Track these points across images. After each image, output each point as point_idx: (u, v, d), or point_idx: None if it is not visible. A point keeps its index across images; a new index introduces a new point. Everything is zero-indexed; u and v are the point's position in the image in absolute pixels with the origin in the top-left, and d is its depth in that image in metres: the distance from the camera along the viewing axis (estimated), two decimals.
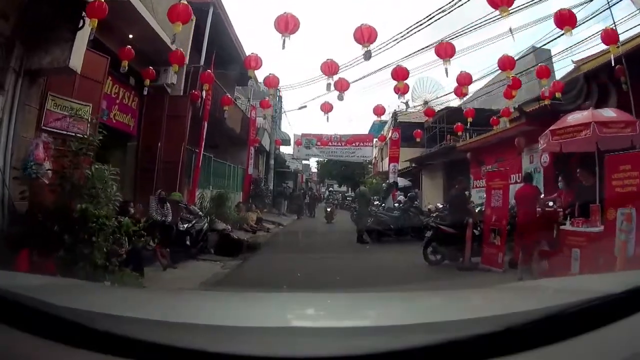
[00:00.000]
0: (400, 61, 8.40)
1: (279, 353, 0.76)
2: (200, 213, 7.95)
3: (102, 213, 3.97)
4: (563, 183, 6.52)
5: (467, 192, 12.06)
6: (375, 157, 32.68)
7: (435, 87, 22.01)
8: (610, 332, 0.81)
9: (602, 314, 0.83)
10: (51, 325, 0.82)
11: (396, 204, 12.41)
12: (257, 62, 8.24)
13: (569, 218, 5.48)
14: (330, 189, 40.20)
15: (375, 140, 24.71)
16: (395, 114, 19.89)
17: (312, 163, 46.39)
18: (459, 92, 9.36)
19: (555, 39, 10.13)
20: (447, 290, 2.75)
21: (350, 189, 35.19)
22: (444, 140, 18.95)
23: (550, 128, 5.94)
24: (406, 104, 21.83)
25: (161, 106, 9.01)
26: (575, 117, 5.79)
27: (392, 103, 38.81)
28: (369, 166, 41.27)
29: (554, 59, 13.81)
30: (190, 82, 9.32)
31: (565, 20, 5.81)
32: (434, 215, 10.66)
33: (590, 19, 8.28)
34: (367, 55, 6.91)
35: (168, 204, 7.18)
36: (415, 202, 11.79)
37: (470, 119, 12.53)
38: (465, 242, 6.58)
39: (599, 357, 0.79)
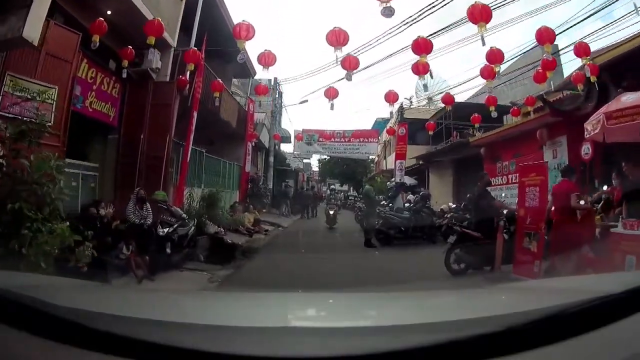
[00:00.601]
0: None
1: (279, 353, 0.77)
2: (184, 215, 7.31)
3: (39, 216, 3.35)
4: (617, 179, 5.92)
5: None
6: (378, 155, 32.44)
7: (441, 82, 22.04)
8: (610, 332, 0.82)
9: (602, 314, 0.85)
10: (51, 325, 0.83)
11: (406, 204, 11.95)
12: (248, 31, 7.42)
13: (620, 219, 4.95)
14: (332, 187, 39.00)
15: (380, 135, 24.29)
16: (401, 108, 18.79)
17: (313, 162, 46.80)
18: (489, 72, 8.39)
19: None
20: (447, 290, 2.71)
21: (352, 188, 34.41)
22: (450, 137, 18.59)
23: (605, 110, 5.28)
24: (410, 100, 22.03)
25: (145, 94, 8.46)
26: (630, 98, 5.10)
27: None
28: (371, 165, 41.28)
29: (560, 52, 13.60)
30: (178, 67, 8.28)
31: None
32: (449, 215, 10.33)
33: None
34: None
35: (148, 205, 6.60)
36: (428, 202, 11.26)
37: (492, 107, 11.54)
38: (492, 248, 6.01)
39: (599, 357, 0.81)
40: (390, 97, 10.49)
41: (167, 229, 6.28)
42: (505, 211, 6.83)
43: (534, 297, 1.26)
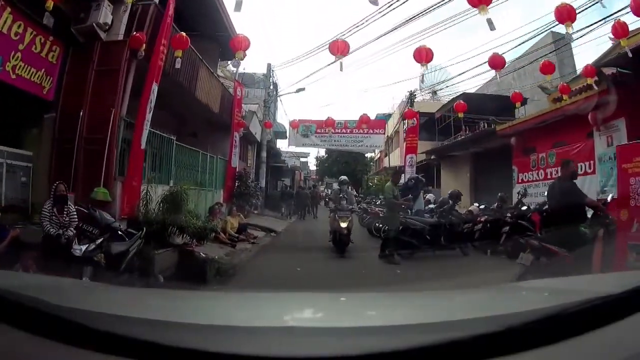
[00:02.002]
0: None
1: (278, 353, 0.82)
2: (116, 224, 5.51)
3: None
4: None
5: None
6: (381, 151, 31.52)
7: (445, 76, 20.97)
8: (610, 332, 0.87)
9: (602, 314, 0.90)
10: (51, 325, 0.88)
11: (428, 207, 10.68)
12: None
13: None
14: (343, 178, 37.17)
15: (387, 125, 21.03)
16: (411, 95, 16.68)
17: (311, 160, 46.93)
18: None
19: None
20: (447, 290, 2.63)
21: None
22: (460, 131, 17.63)
23: None
24: (413, 93, 20.20)
25: (90, 58, 7.00)
26: None
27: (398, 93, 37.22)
28: (371, 163, 41.14)
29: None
30: (136, 26, 6.15)
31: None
32: (483, 219, 8.86)
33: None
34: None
35: (72, 207, 5.17)
36: (458, 203, 9.77)
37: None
38: (582, 268, 4.36)
39: (599, 357, 0.86)
40: (422, 56, 8.02)
41: (85, 246, 4.21)
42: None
43: (534, 297, 1.30)
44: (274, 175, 24.73)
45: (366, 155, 39.65)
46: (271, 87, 19.60)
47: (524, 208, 8.84)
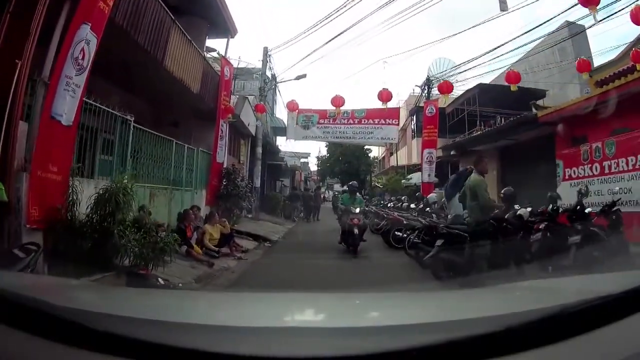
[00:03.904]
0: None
1: (279, 353, 0.81)
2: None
3: None
4: None
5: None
6: (387, 148, 30.03)
7: (454, 69, 18.60)
8: (610, 332, 0.86)
9: (602, 314, 0.89)
10: (51, 325, 0.87)
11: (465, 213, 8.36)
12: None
13: None
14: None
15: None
16: (428, 81, 14.61)
17: (312, 160, 45.55)
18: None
19: None
20: (447, 290, 2.76)
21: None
22: (475, 127, 16.26)
23: None
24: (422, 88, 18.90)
25: None
26: None
27: (402, 90, 36.50)
28: (375, 162, 38.99)
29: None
30: None
31: None
32: (542, 226, 6.65)
33: None
34: None
35: None
36: (516, 206, 7.42)
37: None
38: None
39: (599, 357, 0.85)
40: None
41: None
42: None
43: (534, 297, 1.30)
44: (271, 174, 23.35)
45: (369, 155, 37.98)
46: (268, 71, 17.10)
47: (588, 210, 6.78)
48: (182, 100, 10.72)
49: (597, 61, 15.48)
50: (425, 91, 17.23)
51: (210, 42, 13.77)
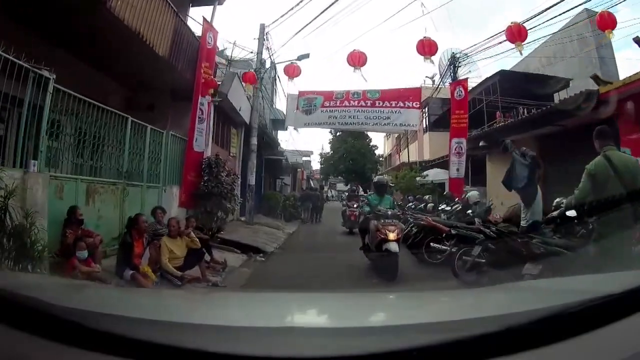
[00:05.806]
0: None
1: (279, 353, 0.81)
2: None
3: None
4: None
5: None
6: (395, 144, 28.73)
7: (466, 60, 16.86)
8: (610, 332, 0.87)
9: (602, 314, 0.89)
10: (51, 325, 0.87)
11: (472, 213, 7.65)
12: None
13: None
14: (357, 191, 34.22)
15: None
16: (453, 59, 12.51)
17: (314, 157, 43.04)
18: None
19: None
20: (447, 290, 2.71)
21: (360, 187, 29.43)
22: (494, 118, 14.92)
23: None
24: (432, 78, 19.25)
25: None
26: None
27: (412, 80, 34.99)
28: (381, 159, 37.46)
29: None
30: None
31: None
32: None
33: None
34: None
35: None
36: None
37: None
38: None
39: (599, 357, 0.85)
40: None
41: None
42: None
43: (534, 297, 1.30)
44: (269, 171, 21.46)
45: (375, 152, 35.94)
46: (266, 52, 13.94)
47: None
48: (152, 73, 8.42)
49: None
50: (451, 71, 14.32)
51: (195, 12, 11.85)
